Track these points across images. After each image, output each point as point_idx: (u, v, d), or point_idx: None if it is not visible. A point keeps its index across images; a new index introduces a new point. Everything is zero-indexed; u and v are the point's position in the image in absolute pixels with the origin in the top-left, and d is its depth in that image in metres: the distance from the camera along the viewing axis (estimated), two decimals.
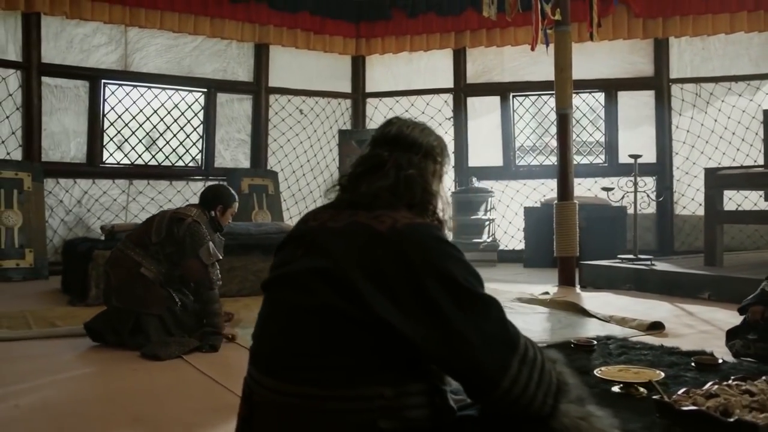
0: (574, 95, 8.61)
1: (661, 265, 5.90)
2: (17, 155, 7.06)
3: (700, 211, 7.10)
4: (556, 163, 8.67)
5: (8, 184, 6.72)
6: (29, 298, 5.52)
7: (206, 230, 3.66)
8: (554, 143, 8.86)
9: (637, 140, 8.35)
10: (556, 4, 6.03)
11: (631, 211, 7.83)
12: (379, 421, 1.28)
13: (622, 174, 7.86)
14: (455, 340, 1.28)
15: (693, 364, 2.85)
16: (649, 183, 8.17)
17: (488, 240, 8.35)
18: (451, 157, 1.67)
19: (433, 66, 8.88)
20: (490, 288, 5.09)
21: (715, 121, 8.08)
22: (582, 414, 1.36)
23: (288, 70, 8.60)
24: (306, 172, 8.78)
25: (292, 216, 8.63)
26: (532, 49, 6.30)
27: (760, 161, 7.68)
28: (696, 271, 5.44)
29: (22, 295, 5.67)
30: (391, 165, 1.47)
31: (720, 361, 2.84)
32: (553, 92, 8.31)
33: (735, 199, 7.58)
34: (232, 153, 8.38)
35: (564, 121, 6.17)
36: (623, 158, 8.35)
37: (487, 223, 8.36)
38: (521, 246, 8.29)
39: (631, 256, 6.19)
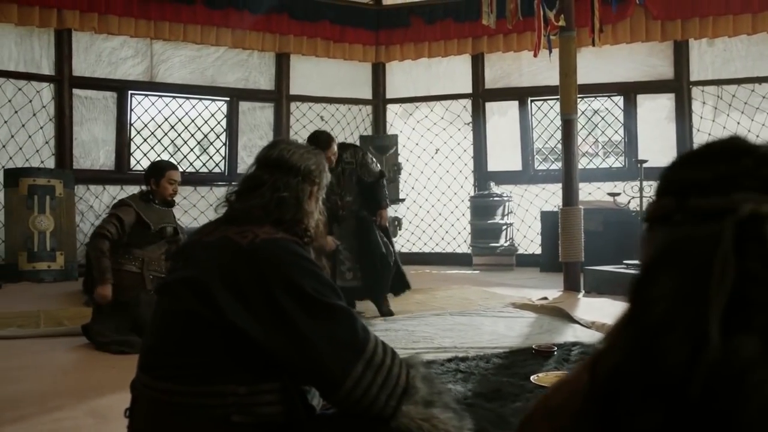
0: (594, 99, 8.65)
1: None
2: (50, 163, 7.49)
3: None
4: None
5: (42, 190, 7.14)
6: (53, 298, 5.88)
7: (126, 202, 3.91)
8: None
9: (657, 143, 8.26)
10: (561, 10, 6.06)
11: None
12: (233, 416, 1.43)
13: (642, 178, 7.80)
14: (301, 344, 1.43)
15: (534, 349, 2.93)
16: None
17: (505, 244, 8.39)
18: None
19: (451, 71, 8.97)
20: (493, 292, 5.20)
21: (738, 123, 7.91)
22: (425, 416, 1.48)
23: (309, 78, 8.84)
24: None
25: None
26: (535, 55, 6.34)
27: None
28: None
29: (48, 295, 6.05)
30: (267, 186, 1.63)
31: (554, 350, 2.91)
32: (577, 95, 8.36)
33: None
34: None
35: (568, 126, 6.19)
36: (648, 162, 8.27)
37: (504, 227, 8.39)
38: (540, 250, 8.29)
39: (637, 262, 6.14)
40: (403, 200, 8.73)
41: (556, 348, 3.36)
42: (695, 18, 7.81)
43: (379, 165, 5.01)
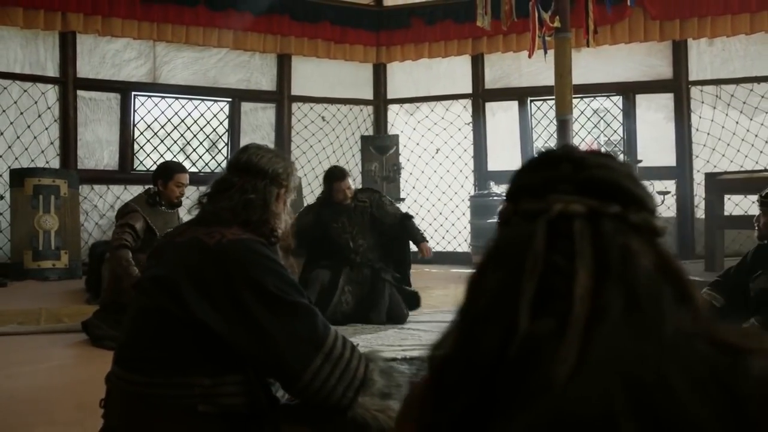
0: (592, 99, 8.69)
1: None
2: (55, 164, 7.62)
3: None
4: None
5: (46, 190, 7.26)
6: (56, 296, 6.01)
7: (134, 208, 3.99)
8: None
9: (656, 143, 8.29)
10: (556, 11, 6.11)
11: None
12: (199, 406, 1.53)
13: (641, 178, 7.82)
14: (263, 339, 1.52)
15: None
16: (669, 186, 8.15)
17: None
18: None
19: (452, 72, 9.03)
20: None
21: (737, 123, 7.93)
22: (380, 407, 1.57)
23: (310, 79, 8.92)
24: None
25: None
26: (530, 56, 6.39)
27: None
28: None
29: (52, 293, 6.17)
30: (236, 189, 1.72)
31: None
32: (572, 96, 8.40)
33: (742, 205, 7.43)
34: None
35: (564, 126, 6.23)
36: (642, 162, 8.30)
37: None
38: None
39: None
40: (404, 200, 8.79)
41: None
42: (693, 18, 7.83)
43: (400, 208, 4.91)
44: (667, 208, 8.17)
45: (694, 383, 0.54)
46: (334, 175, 4.49)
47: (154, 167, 8.18)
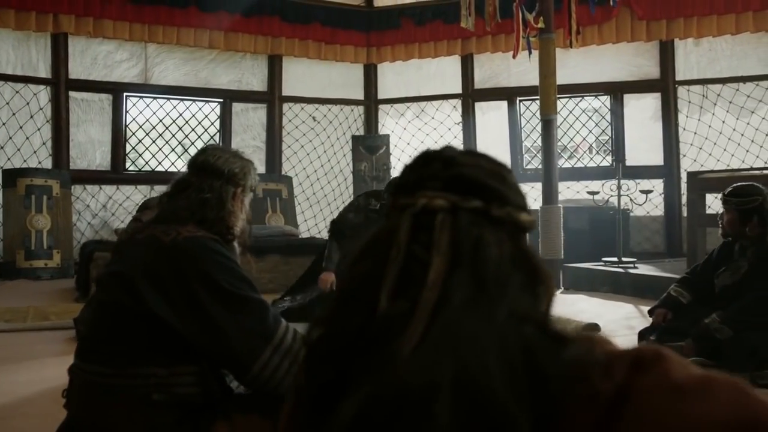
0: (580, 98, 8.77)
1: (643, 268, 5.98)
2: (47, 164, 7.70)
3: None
4: (563, 166, 8.81)
5: (39, 190, 7.34)
6: (46, 294, 6.08)
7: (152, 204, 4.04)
8: (559, 145, 8.95)
9: (644, 143, 8.37)
10: (540, 12, 6.19)
11: (633, 214, 7.90)
12: (154, 395, 1.60)
13: (629, 176, 7.91)
14: (214, 332, 1.59)
15: None
16: (657, 185, 8.22)
17: None
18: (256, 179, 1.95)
19: (442, 72, 9.11)
20: None
21: (723, 122, 8.00)
22: None
23: (301, 80, 9.00)
24: (320, 177, 9.15)
25: (306, 219, 9.04)
26: (514, 56, 6.47)
27: None
28: (666, 275, 5.51)
29: (43, 292, 6.25)
30: (193, 188, 1.79)
31: None
32: (559, 96, 8.48)
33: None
34: None
35: (548, 126, 6.31)
36: (630, 160, 8.39)
37: None
38: None
39: (614, 259, 6.27)
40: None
41: None
42: (680, 18, 7.90)
43: None
44: (654, 207, 8.25)
45: (506, 363, 0.60)
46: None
47: (146, 167, 8.34)
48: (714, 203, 7.11)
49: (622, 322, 4.38)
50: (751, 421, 0.55)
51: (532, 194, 8.67)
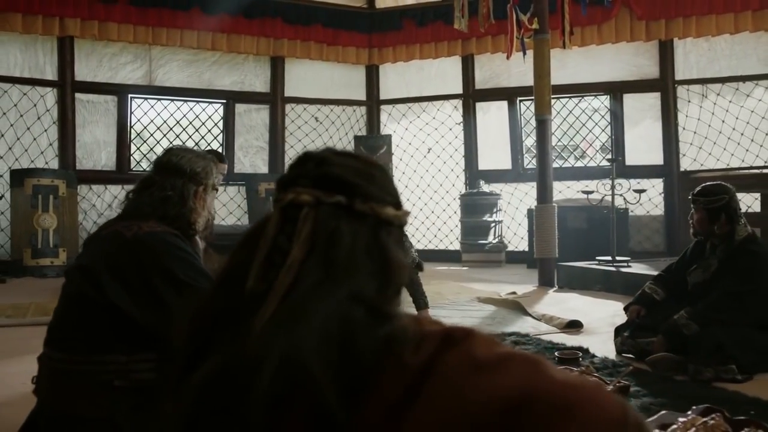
0: (581, 98, 8.81)
1: (636, 267, 6.01)
2: (54, 164, 7.87)
3: None
4: (563, 166, 8.86)
5: (45, 190, 7.51)
6: (51, 291, 6.21)
7: None
8: (560, 145, 9.00)
9: (643, 142, 8.39)
10: (534, 13, 6.25)
11: (633, 213, 7.93)
12: (115, 381, 1.70)
13: (628, 176, 7.94)
14: (170, 320, 1.69)
15: (557, 357, 3.11)
16: (657, 184, 8.25)
17: (494, 241, 8.57)
18: (216, 175, 2.04)
19: (443, 73, 9.18)
20: (468, 287, 5.38)
21: (723, 122, 8.01)
22: None
23: (303, 81, 9.11)
24: None
25: None
26: (508, 57, 6.53)
27: None
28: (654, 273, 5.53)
29: (47, 288, 6.39)
30: (156, 186, 1.89)
31: (579, 356, 3.08)
32: (559, 96, 8.54)
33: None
34: (251, 159, 8.97)
35: (543, 127, 6.37)
36: (630, 160, 8.41)
37: (493, 224, 8.58)
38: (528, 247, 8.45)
39: (608, 258, 6.31)
40: None
41: None
42: (679, 18, 7.91)
43: (417, 254, 4.71)
44: (654, 206, 8.27)
45: (325, 339, 0.68)
46: None
47: (150, 168, 8.42)
48: None
49: (607, 320, 4.42)
50: (529, 393, 0.62)
51: (532, 194, 8.71)
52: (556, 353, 3.17)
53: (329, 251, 0.77)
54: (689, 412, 2.05)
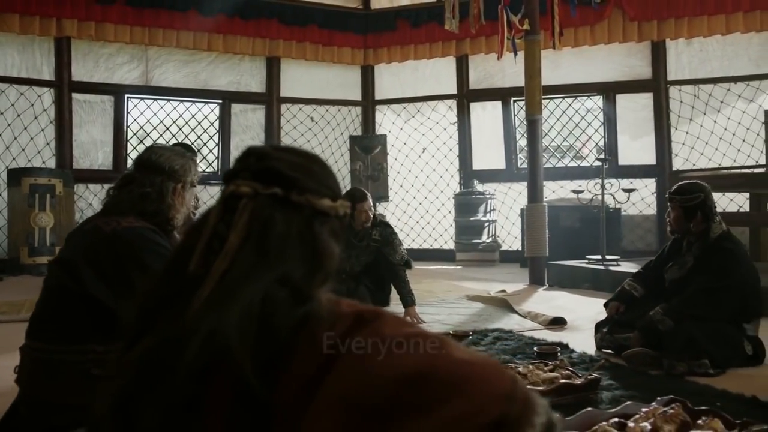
0: (574, 99, 8.87)
1: (625, 266, 6.07)
2: (51, 163, 7.94)
3: None
4: (556, 166, 8.92)
5: (42, 189, 7.57)
6: None
7: None
8: (553, 145, 9.07)
9: (636, 142, 8.45)
10: (525, 14, 6.31)
11: (625, 213, 7.99)
12: (92, 369, 1.77)
13: (621, 175, 8.01)
14: None
15: (536, 351, 3.17)
16: (650, 185, 8.31)
17: (487, 241, 8.64)
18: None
19: (437, 73, 9.25)
20: (459, 285, 5.43)
21: (715, 122, 8.07)
22: None
23: (299, 81, 9.18)
24: None
25: None
26: (498, 58, 6.59)
27: (762, 162, 7.66)
28: None
29: None
30: (136, 183, 1.96)
31: (558, 351, 3.14)
32: (552, 96, 8.61)
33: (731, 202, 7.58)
34: None
35: (533, 126, 6.43)
36: (623, 160, 8.48)
37: (486, 224, 8.65)
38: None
39: (598, 257, 6.36)
40: (386, 199, 9.04)
41: (471, 333, 3.64)
42: (671, 19, 7.97)
43: (405, 251, 4.79)
44: (647, 205, 8.33)
45: (247, 316, 0.75)
46: (356, 197, 4.49)
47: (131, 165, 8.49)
48: None
49: (592, 317, 4.46)
50: (427, 370, 0.69)
51: (526, 194, 8.79)
52: (535, 348, 3.23)
53: (263, 238, 0.84)
54: (653, 404, 2.12)
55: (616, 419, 1.91)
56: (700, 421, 1.93)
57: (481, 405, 0.65)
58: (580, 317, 4.46)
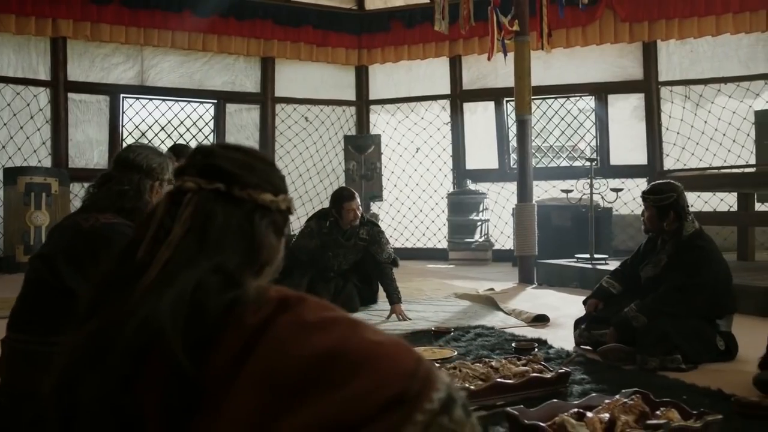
0: (566, 99, 8.94)
1: (613, 265, 6.12)
2: (47, 163, 8.02)
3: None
4: (549, 165, 8.99)
5: (38, 188, 7.65)
6: None
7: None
8: (545, 145, 9.15)
9: (628, 142, 8.52)
10: (515, 15, 6.38)
11: (616, 212, 8.05)
12: None
13: (613, 175, 8.08)
14: None
15: (513, 347, 3.24)
16: (642, 184, 8.36)
17: (480, 240, 8.70)
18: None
19: (431, 73, 9.31)
20: (449, 284, 5.49)
21: (705, 122, 8.14)
22: None
23: (293, 81, 9.25)
24: (312, 175, 9.39)
25: (299, 216, 9.23)
26: (489, 58, 6.66)
27: (752, 162, 7.72)
28: None
29: None
30: (114, 181, 2.03)
31: (535, 346, 3.21)
32: (544, 96, 8.68)
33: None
34: None
35: (523, 126, 6.50)
36: (615, 160, 8.55)
37: (479, 223, 8.71)
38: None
39: (587, 256, 6.43)
40: (380, 198, 9.11)
41: (453, 329, 3.71)
42: (662, 20, 8.04)
43: (392, 250, 4.83)
44: (638, 205, 8.36)
45: (180, 301, 0.82)
46: (343, 197, 4.54)
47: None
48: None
49: (575, 315, 4.50)
50: (339, 349, 0.75)
51: None
52: (513, 344, 3.31)
53: (204, 230, 0.91)
54: (617, 396, 2.19)
55: (576, 410, 1.98)
56: (658, 412, 2.00)
57: (384, 381, 0.72)
58: (564, 315, 4.53)
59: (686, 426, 1.89)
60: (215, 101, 8.87)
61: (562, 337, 3.70)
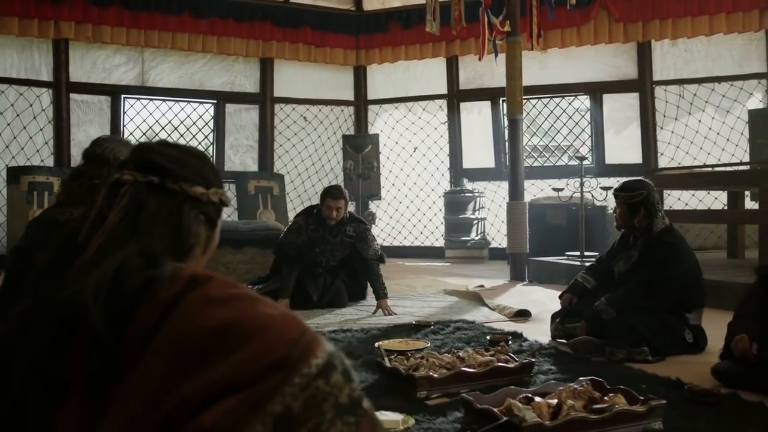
0: (561, 99, 9.00)
1: None
2: (49, 162, 8.17)
3: None
4: (544, 165, 9.07)
5: (41, 187, 7.79)
6: None
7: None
8: (541, 144, 9.21)
9: (623, 141, 8.59)
10: (506, 16, 6.46)
11: (610, 210, 8.12)
12: None
13: (607, 174, 8.16)
14: None
15: (488, 339, 3.34)
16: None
17: (476, 238, 8.79)
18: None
19: (428, 73, 9.41)
20: (441, 281, 5.59)
21: (699, 121, 8.19)
22: None
23: (292, 81, 9.36)
24: (311, 175, 9.50)
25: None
26: (480, 59, 6.74)
27: (746, 160, 7.77)
28: None
29: None
30: (86, 176, 2.14)
31: (509, 338, 3.31)
32: (540, 96, 8.76)
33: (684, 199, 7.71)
34: (241, 158, 9.24)
35: (514, 126, 6.58)
36: (610, 159, 8.62)
37: (475, 221, 8.80)
38: None
39: (577, 253, 6.50)
40: (378, 197, 9.21)
41: (433, 323, 3.81)
42: (656, 20, 8.09)
43: (379, 247, 4.98)
44: None
45: (102, 278, 0.92)
46: (330, 193, 4.68)
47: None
48: (667, 199, 7.38)
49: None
50: (235, 321, 0.85)
51: None
52: (488, 337, 3.41)
53: (136, 217, 1.02)
54: (572, 383, 2.28)
55: (526, 395, 2.07)
56: (606, 398, 2.09)
57: (270, 348, 0.82)
58: (547, 310, 4.59)
59: (629, 410, 1.98)
60: (215, 101, 9.00)
61: (541, 332, 3.79)
